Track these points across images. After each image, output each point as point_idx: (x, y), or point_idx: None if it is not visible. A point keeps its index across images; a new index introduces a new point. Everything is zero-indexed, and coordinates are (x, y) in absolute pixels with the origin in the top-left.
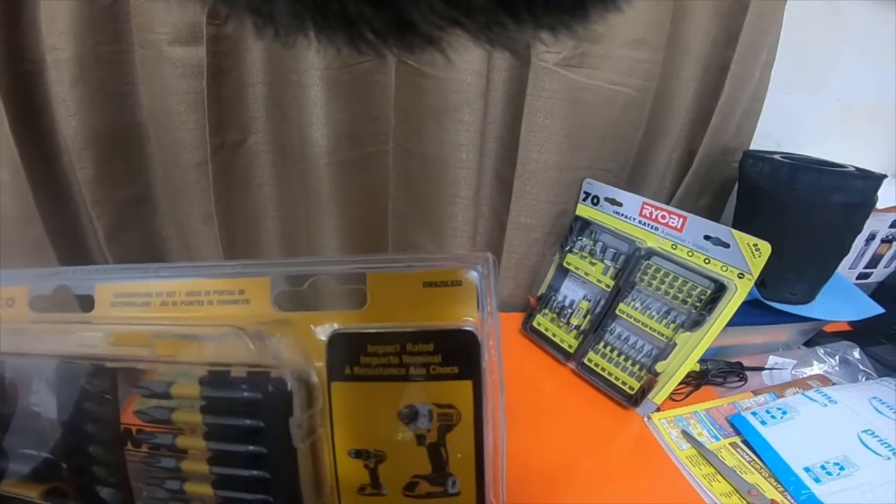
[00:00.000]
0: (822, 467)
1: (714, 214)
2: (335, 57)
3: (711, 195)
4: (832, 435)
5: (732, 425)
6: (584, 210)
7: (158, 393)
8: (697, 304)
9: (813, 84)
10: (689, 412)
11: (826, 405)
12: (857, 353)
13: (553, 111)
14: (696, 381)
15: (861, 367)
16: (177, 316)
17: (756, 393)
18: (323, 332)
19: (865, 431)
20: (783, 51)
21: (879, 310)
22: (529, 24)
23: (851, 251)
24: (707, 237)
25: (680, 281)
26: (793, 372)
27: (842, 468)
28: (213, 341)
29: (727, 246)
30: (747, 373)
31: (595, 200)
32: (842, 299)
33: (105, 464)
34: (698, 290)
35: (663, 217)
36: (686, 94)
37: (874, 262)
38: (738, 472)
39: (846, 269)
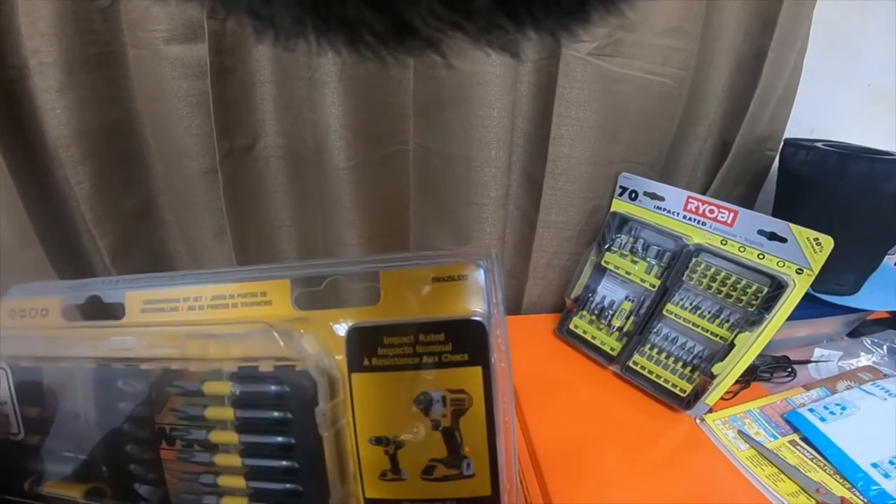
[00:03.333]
0: (891, 462)
1: (747, 205)
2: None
3: (745, 185)
4: None
5: (789, 423)
6: (620, 205)
7: (191, 391)
8: (754, 301)
9: (843, 69)
10: (743, 411)
11: (886, 399)
12: None
13: (586, 103)
14: (746, 378)
15: None
16: (204, 319)
17: (807, 388)
18: (341, 329)
19: None
20: (813, 37)
21: None
22: (530, 26)
23: None
24: (761, 232)
25: (733, 279)
26: (839, 364)
27: None
28: (240, 339)
29: (784, 241)
30: (794, 367)
31: (633, 195)
32: (888, 288)
33: (142, 462)
34: (754, 287)
35: (711, 211)
36: (719, 82)
37: None
38: (801, 470)
39: (887, 256)
